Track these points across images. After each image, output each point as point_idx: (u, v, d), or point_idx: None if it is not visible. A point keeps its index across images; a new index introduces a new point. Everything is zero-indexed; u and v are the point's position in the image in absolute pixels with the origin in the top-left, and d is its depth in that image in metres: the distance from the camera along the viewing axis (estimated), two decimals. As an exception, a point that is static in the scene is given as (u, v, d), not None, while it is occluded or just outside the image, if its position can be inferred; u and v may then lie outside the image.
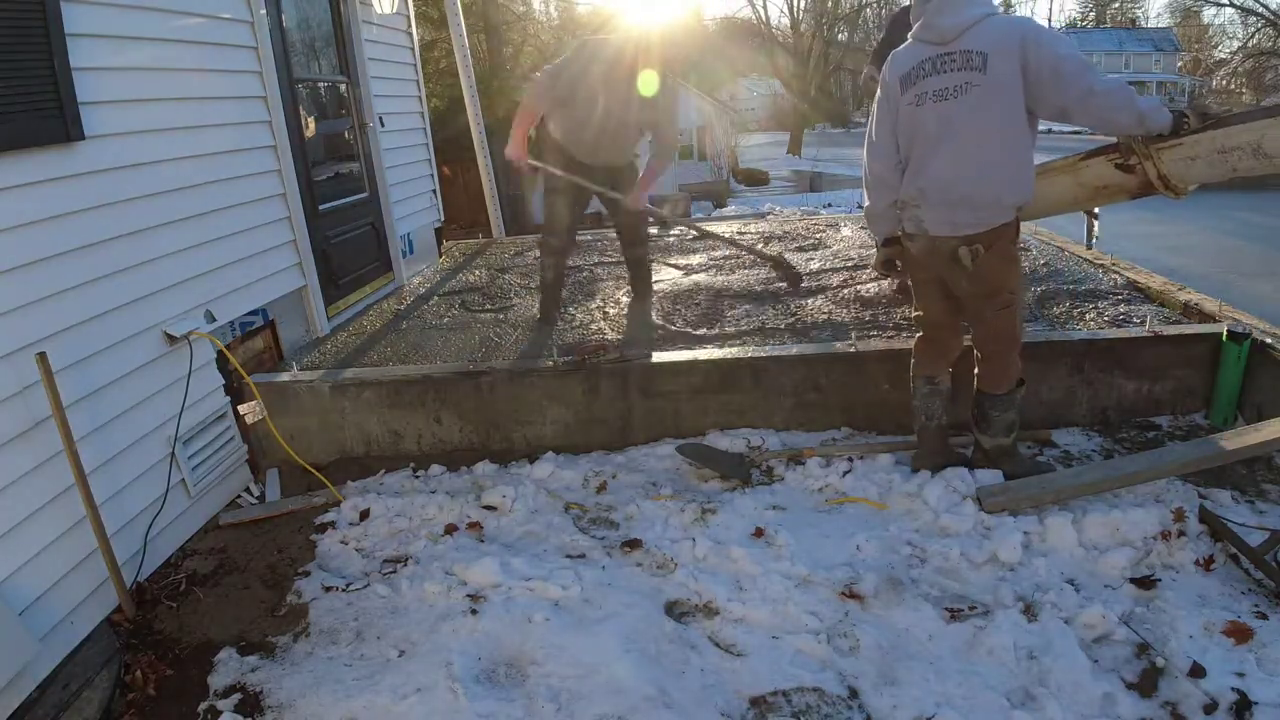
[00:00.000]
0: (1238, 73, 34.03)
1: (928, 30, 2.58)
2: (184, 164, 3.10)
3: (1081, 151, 2.98)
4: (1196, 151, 2.62)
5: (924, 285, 2.88)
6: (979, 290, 2.67)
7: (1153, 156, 2.70)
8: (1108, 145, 2.87)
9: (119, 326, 2.74)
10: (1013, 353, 2.78)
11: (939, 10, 2.55)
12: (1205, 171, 2.65)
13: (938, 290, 2.83)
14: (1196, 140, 2.60)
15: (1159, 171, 2.72)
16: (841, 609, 2.36)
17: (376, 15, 5.13)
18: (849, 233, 5.84)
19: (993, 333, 2.76)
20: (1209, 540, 2.52)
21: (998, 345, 2.77)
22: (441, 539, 2.85)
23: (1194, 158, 2.64)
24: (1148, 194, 2.87)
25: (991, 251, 2.58)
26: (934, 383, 2.97)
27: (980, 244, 2.57)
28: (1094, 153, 2.93)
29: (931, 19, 2.57)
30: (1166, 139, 2.63)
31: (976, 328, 2.82)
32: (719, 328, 3.86)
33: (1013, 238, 2.63)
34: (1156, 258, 6.89)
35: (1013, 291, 2.67)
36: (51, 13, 2.44)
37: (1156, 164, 2.71)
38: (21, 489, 2.29)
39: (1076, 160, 2.96)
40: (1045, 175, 2.97)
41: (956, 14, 2.51)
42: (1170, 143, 2.64)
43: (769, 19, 39.34)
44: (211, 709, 2.18)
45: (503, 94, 14.70)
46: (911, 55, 2.63)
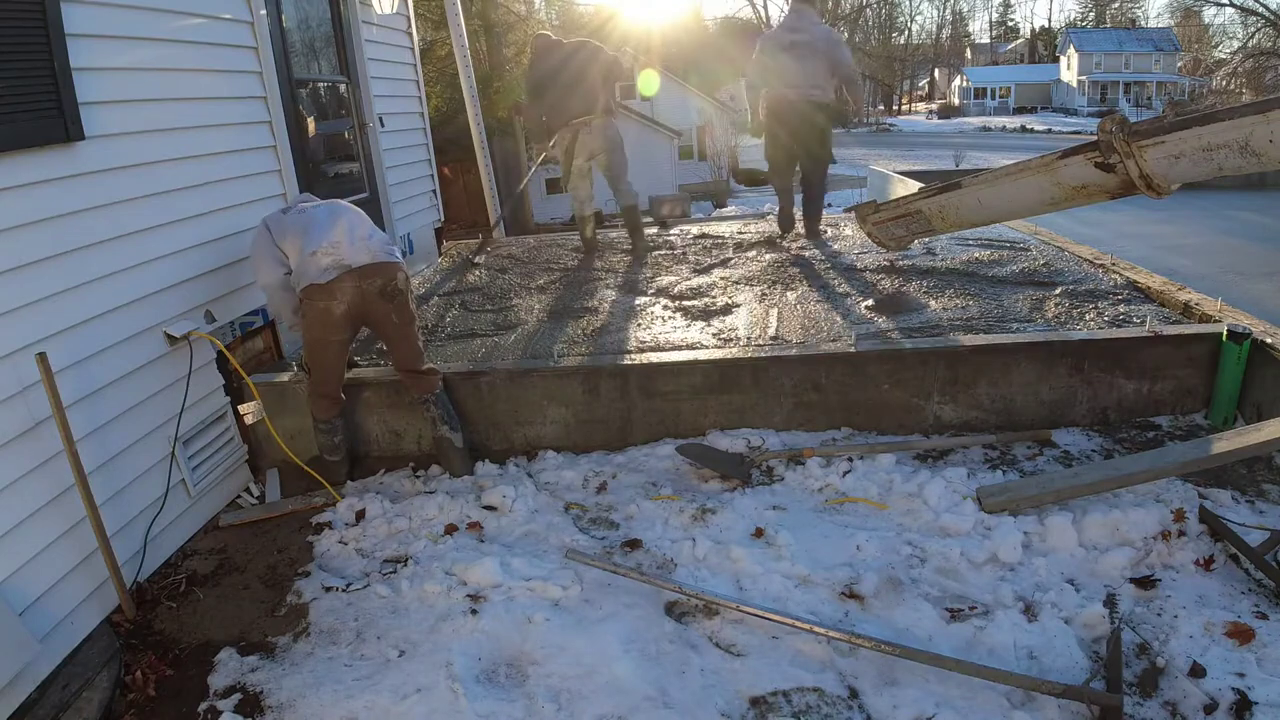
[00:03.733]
0: (1238, 73, 34.01)
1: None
2: (184, 164, 3.10)
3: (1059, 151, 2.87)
4: (1181, 149, 2.51)
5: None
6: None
7: (1134, 155, 2.59)
8: (1086, 143, 2.76)
9: (119, 326, 2.74)
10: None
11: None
12: (1190, 170, 2.54)
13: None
14: (1181, 137, 2.48)
15: (1141, 170, 2.61)
16: (841, 609, 2.37)
17: (376, 15, 5.13)
18: (850, 232, 5.84)
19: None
20: (1209, 540, 2.51)
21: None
22: (441, 539, 2.85)
23: (1178, 156, 2.52)
24: (1129, 194, 2.76)
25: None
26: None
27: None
28: (1071, 151, 2.81)
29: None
30: (1149, 136, 2.55)
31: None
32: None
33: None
34: (1156, 258, 6.90)
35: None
36: (51, 13, 2.44)
37: (1139, 163, 2.60)
38: (21, 489, 2.29)
39: (1054, 159, 2.84)
40: (1019, 175, 2.89)
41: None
42: (1153, 140, 2.53)
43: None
44: (211, 709, 2.18)
45: (503, 94, 14.69)
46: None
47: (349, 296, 3.00)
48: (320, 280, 2.97)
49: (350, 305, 3.02)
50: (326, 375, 3.21)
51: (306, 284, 2.99)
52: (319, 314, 3.03)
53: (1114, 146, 2.62)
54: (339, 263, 2.98)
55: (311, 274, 2.98)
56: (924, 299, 4.09)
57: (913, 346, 3.38)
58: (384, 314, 3.10)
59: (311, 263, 2.98)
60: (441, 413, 3.31)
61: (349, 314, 3.05)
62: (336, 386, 3.26)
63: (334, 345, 3.12)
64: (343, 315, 3.03)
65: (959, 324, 3.67)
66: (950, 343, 3.39)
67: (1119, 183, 2.72)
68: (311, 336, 3.10)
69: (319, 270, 2.97)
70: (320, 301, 3.00)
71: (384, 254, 3.10)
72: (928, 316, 3.81)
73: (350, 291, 2.99)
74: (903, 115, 60.07)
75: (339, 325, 3.06)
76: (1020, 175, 2.86)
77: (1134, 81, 49.22)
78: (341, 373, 3.26)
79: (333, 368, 3.20)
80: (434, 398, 3.29)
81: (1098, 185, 2.78)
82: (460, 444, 3.34)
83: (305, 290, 3.01)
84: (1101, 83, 50.26)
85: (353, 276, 2.99)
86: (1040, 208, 3.01)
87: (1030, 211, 3.07)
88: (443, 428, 3.31)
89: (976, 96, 56.60)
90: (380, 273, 3.05)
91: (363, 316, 3.10)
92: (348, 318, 3.06)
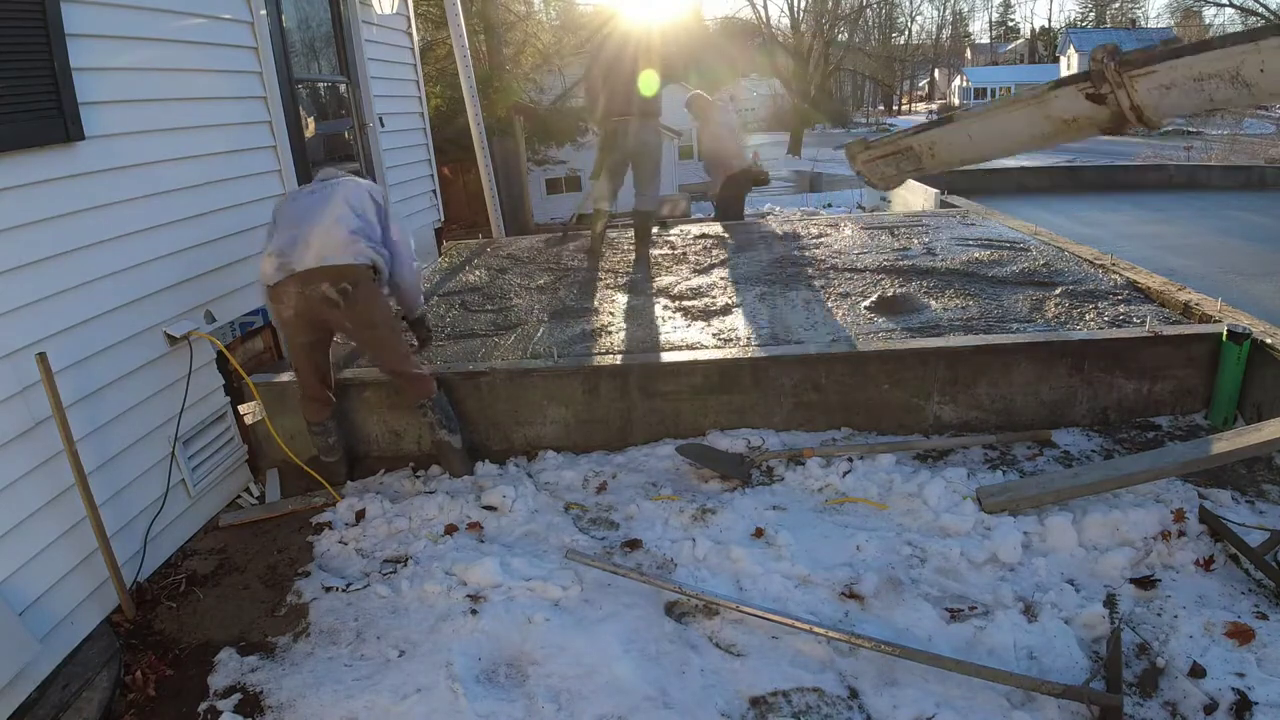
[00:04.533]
0: (1238, 73, 33.93)
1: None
2: (184, 164, 3.10)
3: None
4: (1172, 79, 2.47)
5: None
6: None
7: (1125, 85, 2.55)
8: (1077, 74, 2.74)
9: (119, 326, 2.74)
10: None
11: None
12: (1180, 101, 2.51)
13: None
14: (1172, 66, 2.45)
15: (1132, 101, 2.57)
16: (841, 609, 2.36)
17: (376, 15, 5.13)
18: (849, 232, 5.84)
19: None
20: (1209, 540, 2.52)
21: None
22: (441, 539, 2.85)
23: (1169, 86, 2.49)
24: (1121, 129, 2.73)
25: None
26: None
27: None
28: (1062, 81, 2.78)
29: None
30: (1139, 65, 2.51)
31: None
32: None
33: None
34: (1156, 258, 6.89)
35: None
36: (51, 13, 2.44)
37: (1130, 92, 2.56)
38: (21, 489, 2.29)
39: (1045, 90, 2.81)
40: (1009, 108, 2.86)
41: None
42: (1144, 70, 2.50)
43: (769, 19, 39.39)
44: (211, 709, 2.18)
45: (503, 94, 14.68)
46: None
47: (293, 301, 2.94)
48: (270, 282, 2.97)
49: (297, 310, 2.95)
50: (303, 378, 3.18)
51: (266, 285, 3.01)
52: (276, 315, 3.05)
53: (1105, 76, 2.59)
54: (284, 265, 2.93)
55: (268, 275, 2.97)
56: (924, 299, 4.09)
57: (913, 346, 3.38)
58: (336, 319, 3.00)
59: (267, 264, 2.97)
60: (439, 417, 3.29)
61: (301, 318, 2.98)
62: (320, 388, 3.22)
63: (299, 348, 3.09)
64: (293, 318, 2.98)
65: (959, 324, 3.67)
66: (950, 343, 3.39)
67: (1109, 115, 2.68)
68: (282, 337, 3.06)
69: (272, 271, 2.96)
70: (273, 303, 3.01)
71: (337, 255, 2.94)
72: (928, 316, 3.81)
73: (294, 296, 2.93)
74: (902, 115, 60.06)
75: (296, 328, 3.01)
76: (1011, 108, 2.85)
77: (1134, 82, 49.10)
78: (321, 375, 3.20)
79: (305, 370, 3.15)
80: (430, 402, 3.27)
81: (1088, 118, 2.74)
82: (459, 445, 3.33)
83: (266, 291, 3.03)
84: (1101, 83, 50.17)
85: (295, 281, 2.92)
86: (1031, 142, 2.98)
87: (1021, 147, 3.04)
88: (441, 431, 3.30)
89: (976, 97, 56.57)
90: (325, 276, 2.92)
91: (318, 321, 3.02)
92: (303, 320, 2.99)
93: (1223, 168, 12.96)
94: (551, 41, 18.28)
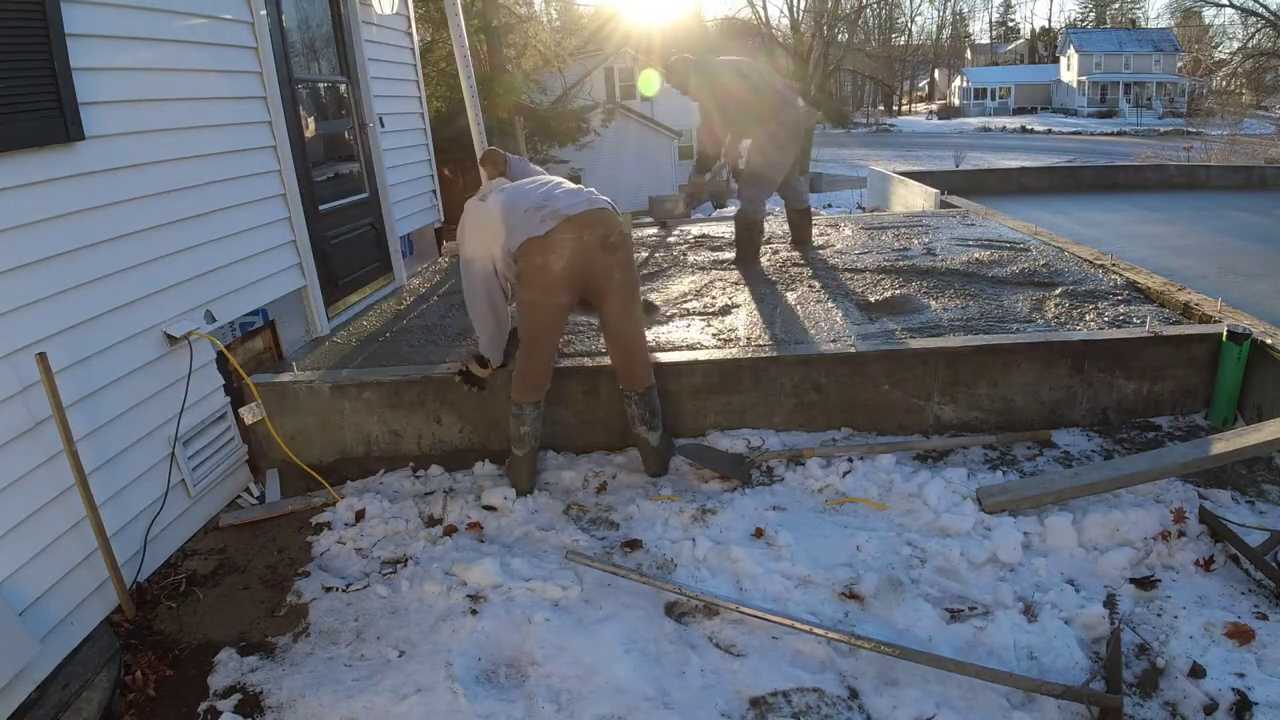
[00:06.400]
0: (1237, 73, 34.03)
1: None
2: (184, 164, 3.10)
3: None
4: None
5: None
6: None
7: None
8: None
9: (119, 326, 2.74)
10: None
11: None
12: None
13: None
14: None
15: None
16: (841, 609, 2.37)
17: (376, 15, 5.12)
18: (849, 232, 5.84)
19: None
20: (1209, 540, 2.52)
21: None
22: (441, 539, 2.85)
23: None
24: None
25: None
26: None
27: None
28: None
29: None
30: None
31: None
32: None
33: None
34: (1156, 258, 6.89)
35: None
36: (51, 13, 2.44)
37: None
38: (22, 489, 2.29)
39: None
40: None
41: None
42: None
43: (769, 19, 39.39)
44: (211, 709, 2.18)
45: (503, 95, 14.68)
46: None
47: (568, 250, 2.73)
48: (539, 232, 2.73)
49: (570, 260, 2.75)
50: (541, 348, 2.95)
51: (522, 240, 2.77)
52: (539, 270, 2.77)
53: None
54: (553, 213, 2.75)
55: (532, 228, 2.75)
56: (924, 299, 4.09)
57: (913, 346, 3.38)
58: (605, 270, 2.82)
59: (529, 218, 2.78)
60: (644, 411, 3.10)
61: (570, 270, 2.78)
62: (549, 365, 3.04)
63: (552, 310, 2.86)
64: (561, 272, 2.77)
65: (959, 324, 3.67)
66: (950, 343, 3.39)
67: None
68: (527, 300, 2.85)
69: (537, 223, 2.75)
70: (536, 258, 2.75)
71: (603, 202, 2.88)
72: (928, 316, 3.81)
73: (570, 244, 2.73)
74: (902, 116, 60.10)
75: (559, 285, 2.80)
76: None
77: (1134, 82, 49.24)
78: (554, 351, 3.03)
79: (550, 338, 2.95)
80: (639, 394, 3.08)
81: None
82: (657, 444, 3.16)
83: (522, 248, 2.78)
84: (1101, 83, 50.27)
85: (570, 226, 2.74)
86: None
87: None
88: (641, 427, 3.12)
89: (976, 97, 56.62)
90: (600, 220, 2.80)
91: (587, 274, 2.83)
92: (570, 274, 2.79)
93: (1222, 168, 12.96)
94: (552, 42, 18.29)
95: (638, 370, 3.09)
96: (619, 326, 3.01)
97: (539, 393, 3.08)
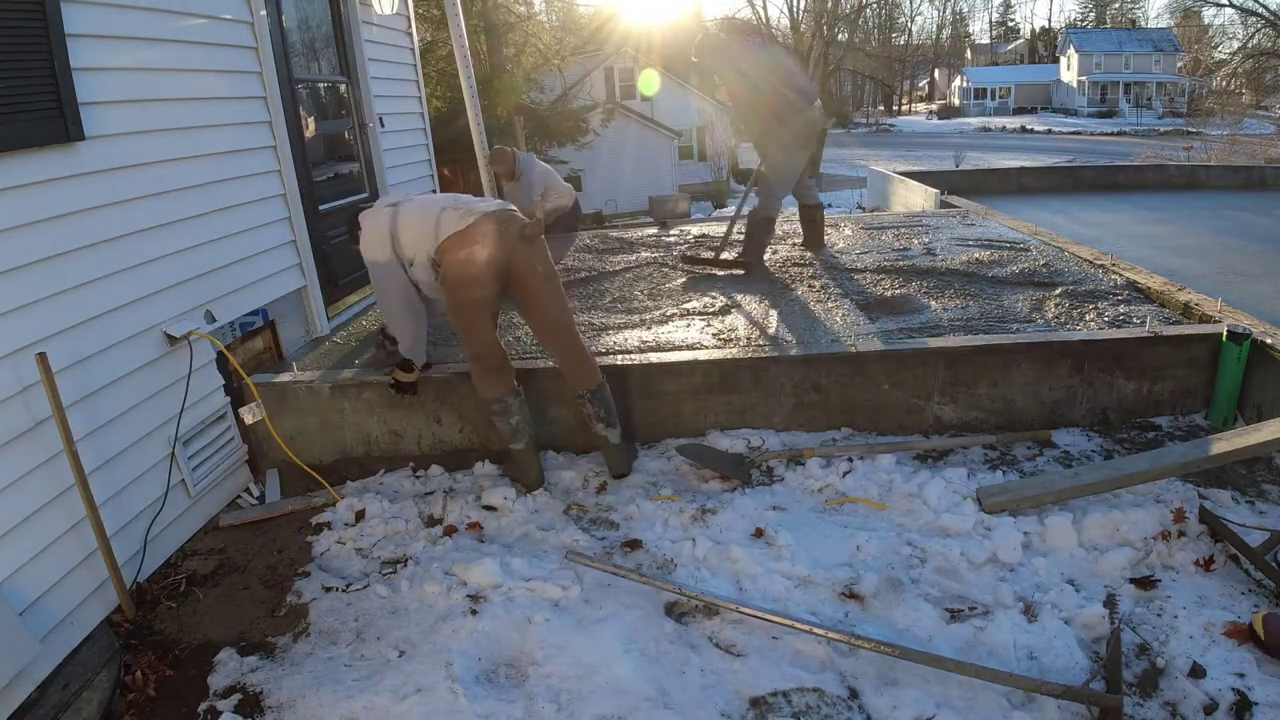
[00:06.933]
0: (1237, 73, 34.04)
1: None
2: (184, 164, 3.10)
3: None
4: None
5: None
6: None
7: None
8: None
9: (119, 327, 2.74)
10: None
11: None
12: None
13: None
14: None
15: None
16: (841, 609, 2.37)
17: (376, 15, 5.13)
18: (849, 232, 5.84)
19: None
20: (1209, 540, 2.52)
21: None
22: (441, 539, 2.85)
23: None
24: None
25: None
26: None
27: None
28: None
29: None
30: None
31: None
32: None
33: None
34: (1156, 258, 6.89)
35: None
36: (51, 13, 2.44)
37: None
38: (22, 489, 2.29)
39: None
40: None
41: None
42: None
43: (769, 19, 39.39)
44: (211, 709, 2.18)
45: (503, 95, 14.69)
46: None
47: (491, 240, 2.79)
48: (460, 226, 2.81)
49: (493, 251, 2.80)
50: (486, 341, 2.96)
51: (445, 236, 2.83)
52: (464, 262, 2.81)
53: None
54: (470, 211, 2.84)
55: (450, 224, 2.83)
56: (924, 299, 4.09)
57: (913, 346, 3.38)
58: (526, 262, 2.88)
59: (448, 217, 2.85)
60: (600, 409, 3.11)
61: (494, 261, 2.82)
62: (503, 352, 3.05)
63: (483, 303, 2.89)
64: (485, 264, 2.81)
65: (959, 324, 3.67)
66: (950, 343, 3.39)
67: None
68: (456, 300, 2.90)
69: (457, 219, 2.83)
70: (462, 249, 2.80)
71: (510, 206, 2.96)
72: (928, 316, 3.81)
73: (493, 235, 2.80)
74: (902, 116, 60.08)
75: (484, 277, 2.84)
76: None
77: (1134, 82, 49.24)
78: (498, 339, 3.03)
79: (489, 330, 2.95)
80: (591, 393, 3.09)
81: None
82: (617, 441, 3.17)
83: (446, 243, 2.83)
84: (1101, 83, 50.28)
85: (491, 220, 2.82)
86: None
87: None
88: (598, 425, 3.13)
89: (976, 97, 56.61)
90: (513, 217, 2.89)
91: (509, 265, 2.87)
92: (494, 266, 2.83)
93: (1222, 168, 12.97)
94: (552, 42, 18.30)
95: (583, 365, 3.09)
96: (550, 320, 3.03)
97: (508, 381, 3.08)
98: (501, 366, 3.06)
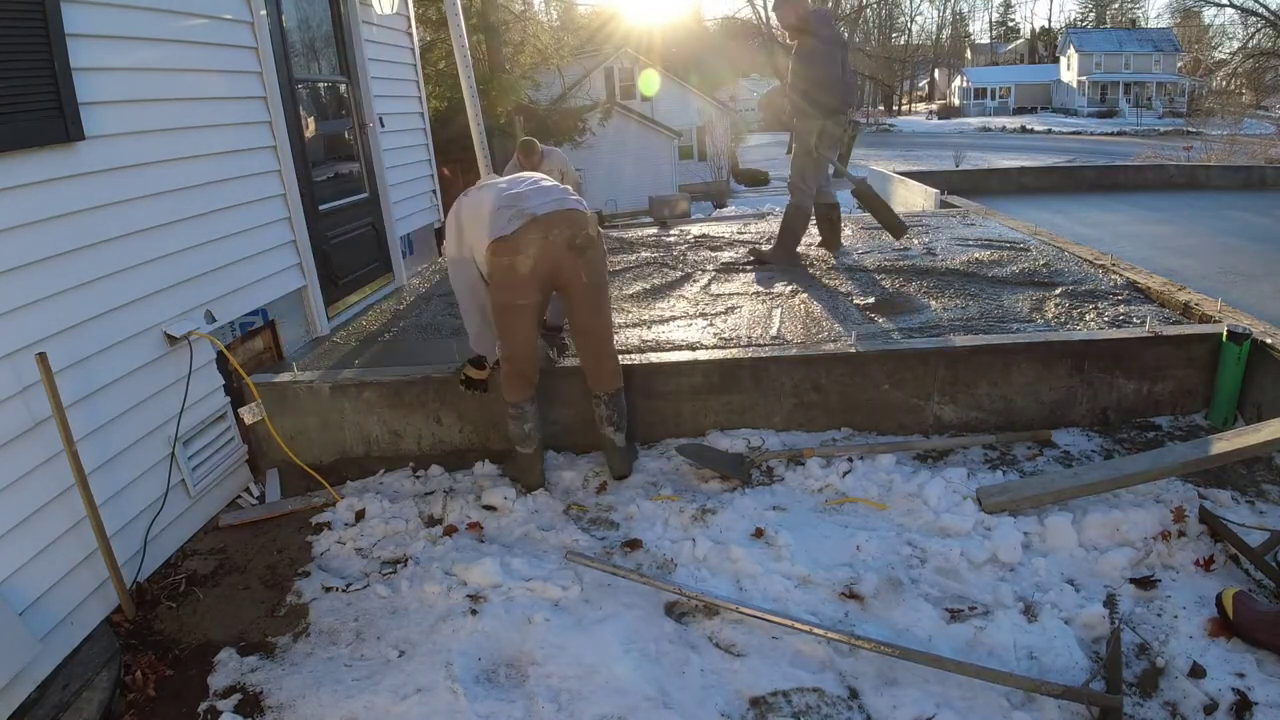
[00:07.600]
0: (1237, 73, 34.03)
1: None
2: (184, 164, 3.10)
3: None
4: None
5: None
6: None
7: None
8: None
9: (119, 326, 2.74)
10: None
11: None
12: None
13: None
14: None
15: None
16: (841, 609, 2.36)
17: (376, 15, 5.13)
18: (850, 232, 5.84)
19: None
20: (1209, 540, 2.52)
21: None
22: (441, 539, 2.85)
23: None
24: None
25: None
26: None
27: None
28: None
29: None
30: None
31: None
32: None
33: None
34: (1156, 258, 6.88)
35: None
36: (51, 13, 2.44)
37: None
38: (22, 489, 2.29)
39: None
40: None
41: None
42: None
43: (769, 19, 39.34)
44: (211, 709, 2.18)
45: (503, 94, 14.69)
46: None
47: (534, 250, 2.73)
48: (506, 232, 2.72)
49: (536, 260, 2.74)
50: (518, 347, 2.93)
51: (494, 238, 2.76)
52: (506, 271, 2.76)
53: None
54: (521, 212, 2.74)
55: (499, 228, 2.75)
56: (924, 299, 4.09)
57: (913, 346, 3.38)
58: (572, 271, 2.82)
59: (498, 218, 2.77)
60: (612, 412, 3.11)
61: (537, 271, 2.77)
62: (532, 361, 3.01)
63: (524, 310, 2.85)
64: (529, 273, 2.76)
65: (959, 324, 3.67)
66: (950, 343, 3.39)
67: None
68: (497, 302, 2.86)
69: (505, 223, 2.74)
70: (504, 257, 2.74)
71: (572, 202, 2.87)
72: (928, 316, 3.81)
73: (536, 244, 2.72)
74: (902, 116, 60.09)
75: (527, 285, 2.79)
76: None
77: (1134, 82, 49.24)
78: (534, 346, 3.01)
79: (525, 337, 2.92)
80: (609, 395, 3.09)
81: None
82: (623, 444, 3.18)
83: (490, 248, 2.77)
84: (1101, 83, 50.28)
85: (537, 226, 2.73)
86: None
87: None
88: (608, 428, 3.14)
89: (976, 97, 56.61)
90: (567, 221, 2.78)
91: (554, 274, 2.82)
92: (538, 275, 2.78)
93: (1222, 168, 12.96)
94: (551, 41, 18.30)
95: (606, 372, 3.10)
96: (585, 326, 3.03)
97: (531, 388, 3.08)
98: (529, 372, 3.05)
